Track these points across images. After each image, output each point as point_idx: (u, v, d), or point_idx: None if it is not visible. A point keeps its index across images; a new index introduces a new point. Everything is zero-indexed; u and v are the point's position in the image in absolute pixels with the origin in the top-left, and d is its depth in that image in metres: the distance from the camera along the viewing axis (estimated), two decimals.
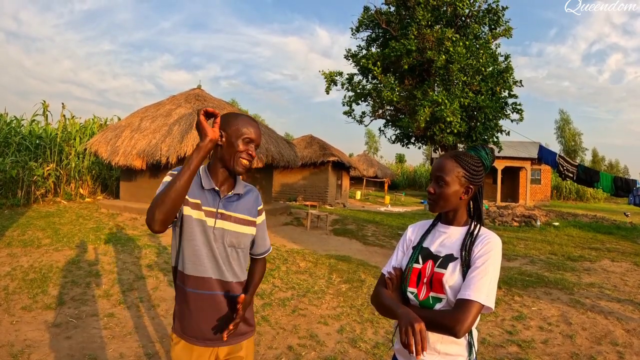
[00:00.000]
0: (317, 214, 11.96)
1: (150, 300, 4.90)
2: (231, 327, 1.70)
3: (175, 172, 1.68)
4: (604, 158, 63.59)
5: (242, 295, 1.71)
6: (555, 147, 56.60)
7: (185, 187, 1.56)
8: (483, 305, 1.40)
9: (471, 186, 1.55)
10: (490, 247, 1.48)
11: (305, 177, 20.59)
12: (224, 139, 1.75)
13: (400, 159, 55.23)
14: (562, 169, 10.61)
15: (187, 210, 1.74)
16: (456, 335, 1.36)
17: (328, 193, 20.23)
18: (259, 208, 1.93)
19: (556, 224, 14.17)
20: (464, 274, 1.46)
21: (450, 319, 1.37)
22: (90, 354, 3.53)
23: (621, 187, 10.18)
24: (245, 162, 1.77)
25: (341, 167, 22.06)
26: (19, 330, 3.90)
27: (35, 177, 11.26)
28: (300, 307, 4.95)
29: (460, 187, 1.53)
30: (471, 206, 1.64)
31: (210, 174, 1.81)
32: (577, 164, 10.82)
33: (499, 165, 26.74)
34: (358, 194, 27.26)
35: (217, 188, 1.79)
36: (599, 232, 12.84)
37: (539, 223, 13.98)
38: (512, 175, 29.11)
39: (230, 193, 1.82)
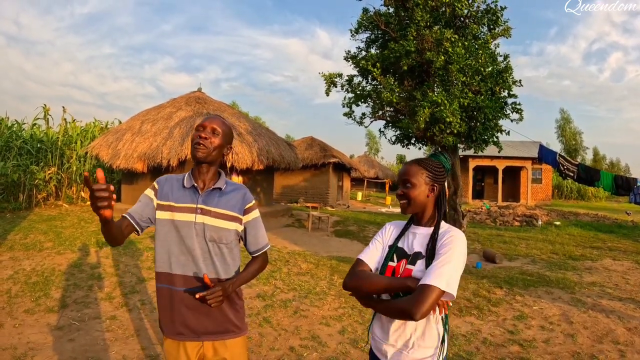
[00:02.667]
0: (318, 216, 11.97)
1: (152, 302, 4.92)
2: (198, 295, 1.75)
3: (157, 185, 1.92)
4: (605, 157, 63.51)
5: (205, 275, 1.78)
6: (556, 146, 56.52)
7: (105, 233, 1.74)
8: (443, 292, 1.46)
9: (436, 184, 1.70)
10: (452, 239, 1.58)
11: (306, 179, 20.61)
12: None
13: (401, 159, 55.07)
14: (562, 169, 10.61)
15: (160, 214, 1.86)
16: (413, 318, 1.43)
17: (329, 194, 20.24)
18: (247, 206, 1.97)
19: (557, 223, 14.17)
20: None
21: (408, 302, 1.46)
22: (93, 357, 3.55)
23: (622, 185, 10.17)
24: (198, 146, 1.85)
25: (342, 168, 22.07)
26: (22, 334, 3.92)
27: (37, 180, 11.30)
28: (301, 309, 4.96)
29: (426, 186, 1.69)
30: (438, 206, 1.76)
31: (193, 175, 1.92)
32: (577, 163, 10.81)
33: (500, 165, 26.74)
34: (359, 195, 27.27)
35: (196, 185, 1.88)
36: (600, 231, 12.83)
37: (540, 222, 13.98)
38: (513, 175, 29.08)
39: (210, 188, 1.90)
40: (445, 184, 1.77)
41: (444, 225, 1.69)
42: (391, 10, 8.96)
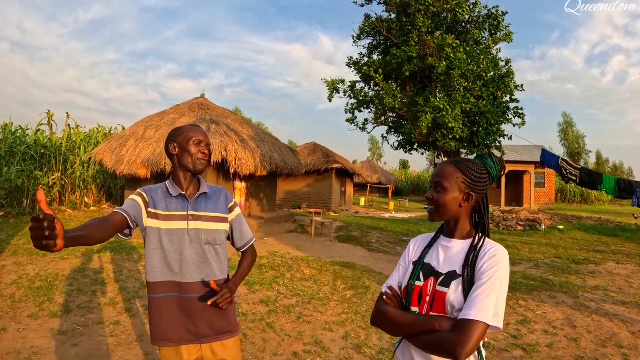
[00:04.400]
0: (321, 221, 11.97)
1: None
2: (210, 302, 1.82)
3: (145, 194, 1.89)
4: (608, 160, 63.41)
5: (212, 281, 1.84)
6: (559, 150, 56.49)
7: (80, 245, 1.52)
8: (489, 326, 1.28)
9: (472, 193, 1.45)
10: (496, 260, 1.36)
11: (309, 185, 20.62)
12: (177, 149, 1.93)
13: (404, 165, 55.16)
14: (565, 172, 10.60)
15: (151, 223, 1.88)
16: (457, 359, 1.26)
17: (332, 200, 20.24)
18: (230, 205, 2.05)
19: (561, 227, 14.12)
20: (466, 293, 1.35)
21: (451, 342, 1.27)
22: None
23: (624, 189, 10.16)
24: (202, 160, 1.94)
25: (345, 174, 22.09)
26: (25, 338, 3.93)
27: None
28: (305, 314, 4.96)
29: (460, 193, 1.45)
30: (476, 218, 1.53)
31: (175, 182, 1.96)
32: (580, 167, 10.81)
33: None
34: (362, 201, 27.25)
35: (183, 192, 1.93)
36: (603, 234, 12.78)
37: (543, 227, 13.94)
38: (516, 179, 29.03)
39: (197, 194, 1.95)
40: (486, 193, 1.51)
41: (486, 242, 1.44)
42: (393, 16, 9.02)
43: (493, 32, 8.52)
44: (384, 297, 1.50)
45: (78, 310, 4.73)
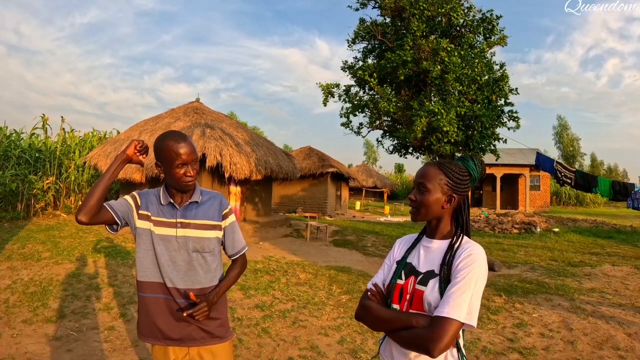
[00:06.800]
0: (316, 226, 11.96)
1: None
2: (186, 314, 1.82)
3: (138, 196, 1.94)
4: (603, 162, 63.58)
5: (191, 293, 1.83)
6: (554, 153, 56.73)
7: (104, 186, 1.80)
8: (463, 324, 1.31)
9: (454, 195, 1.49)
10: (472, 259, 1.38)
11: (304, 189, 20.60)
12: (161, 169, 1.91)
13: (400, 168, 55.26)
14: (559, 175, 10.63)
15: (141, 224, 1.91)
16: (431, 355, 1.30)
17: (327, 204, 20.22)
18: (224, 212, 2.02)
19: (556, 230, 14.17)
20: (442, 291, 1.38)
21: (425, 338, 1.30)
22: None
23: (619, 191, 10.19)
24: (188, 182, 1.88)
25: (340, 178, 22.08)
26: (19, 344, 3.90)
27: (35, 190, 11.28)
28: (300, 319, 4.95)
29: (443, 195, 1.48)
30: (457, 218, 1.56)
31: (167, 191, 1.96)
32: (574, 169, 10.83)
33: (498, 172, 26.79)
34: (357, 205, 27.27)
35: (172, 201, 1.94)
36: (599, 236, 12.85)
37: (538, 229, 13.99)
38: (511, 182, 29.13)
39: (187, 202, 1.94)
40: (468, 194, 1.56)
41: (464, 241, 1.47)
42: (388, 20, 9.04)
43: (487, 36, 8.56)
44: (368, 293, 1.56)
45: (72, 315, 4.69)
